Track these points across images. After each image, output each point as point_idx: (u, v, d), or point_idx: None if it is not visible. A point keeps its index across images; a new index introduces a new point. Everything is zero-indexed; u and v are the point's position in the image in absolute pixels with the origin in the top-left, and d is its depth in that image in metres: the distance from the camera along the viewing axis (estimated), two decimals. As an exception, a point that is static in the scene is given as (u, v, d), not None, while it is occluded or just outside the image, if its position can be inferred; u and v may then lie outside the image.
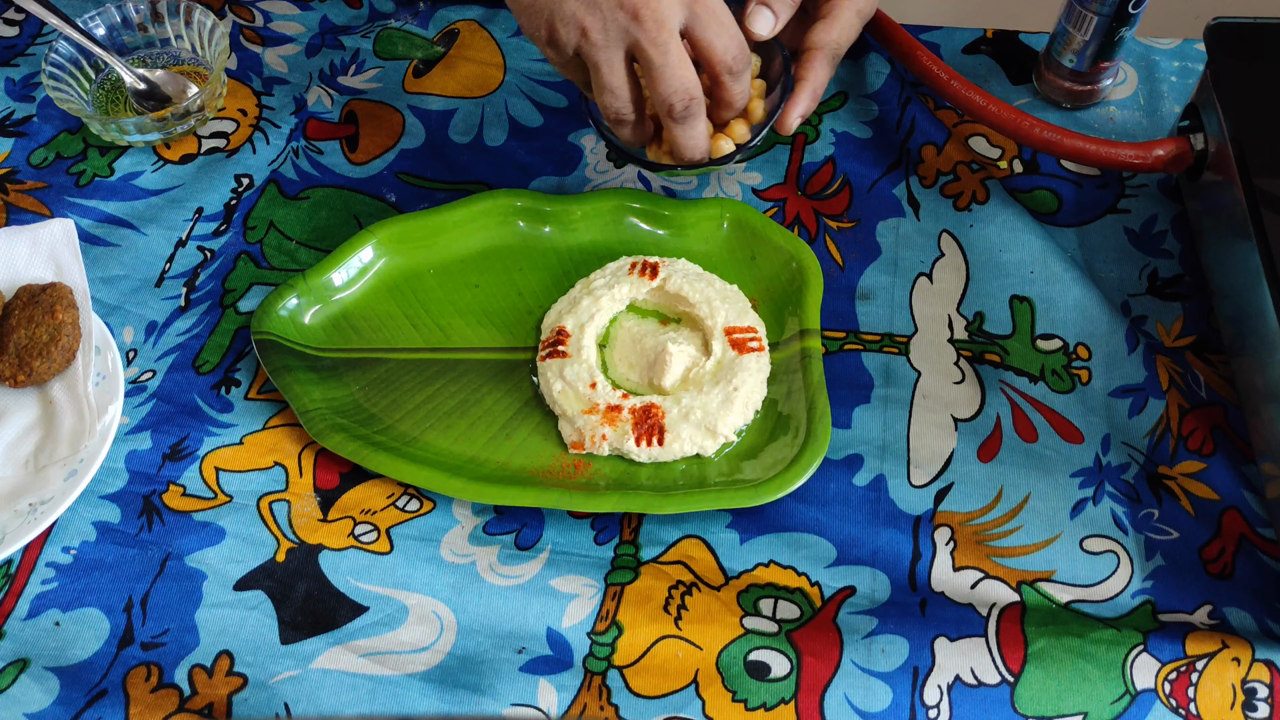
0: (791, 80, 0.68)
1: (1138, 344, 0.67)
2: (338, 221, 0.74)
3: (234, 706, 0.56)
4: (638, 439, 0.63)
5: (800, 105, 0.67)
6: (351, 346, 0.68)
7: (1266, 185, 0.62)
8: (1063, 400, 0.66)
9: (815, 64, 0.68)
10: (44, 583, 0.60)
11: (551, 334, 0.67)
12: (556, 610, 0.59)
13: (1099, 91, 0.78)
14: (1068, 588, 0.60)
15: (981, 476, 0.63)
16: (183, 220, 0.74)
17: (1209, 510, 0.62)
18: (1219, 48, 0.68)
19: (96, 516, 0.62)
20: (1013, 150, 0.77)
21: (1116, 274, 0.71)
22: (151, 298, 0.71)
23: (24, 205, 0.75)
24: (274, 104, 0.80)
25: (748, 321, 0.67)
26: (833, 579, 0.60)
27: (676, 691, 0.56)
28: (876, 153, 0.77)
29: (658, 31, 0.57)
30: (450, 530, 0.62)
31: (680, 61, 0.59)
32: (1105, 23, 0.73)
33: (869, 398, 0.66)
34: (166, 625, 0.59)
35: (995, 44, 0.83)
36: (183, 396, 0.67)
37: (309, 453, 0.65)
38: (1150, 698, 0.56)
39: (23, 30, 0.85)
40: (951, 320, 0.69)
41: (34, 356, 0.64)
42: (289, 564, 0.61)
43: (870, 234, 0.73)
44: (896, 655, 0.57)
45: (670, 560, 0.61)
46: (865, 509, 0.62)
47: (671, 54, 0.58)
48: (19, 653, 0.58)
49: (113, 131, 0.76)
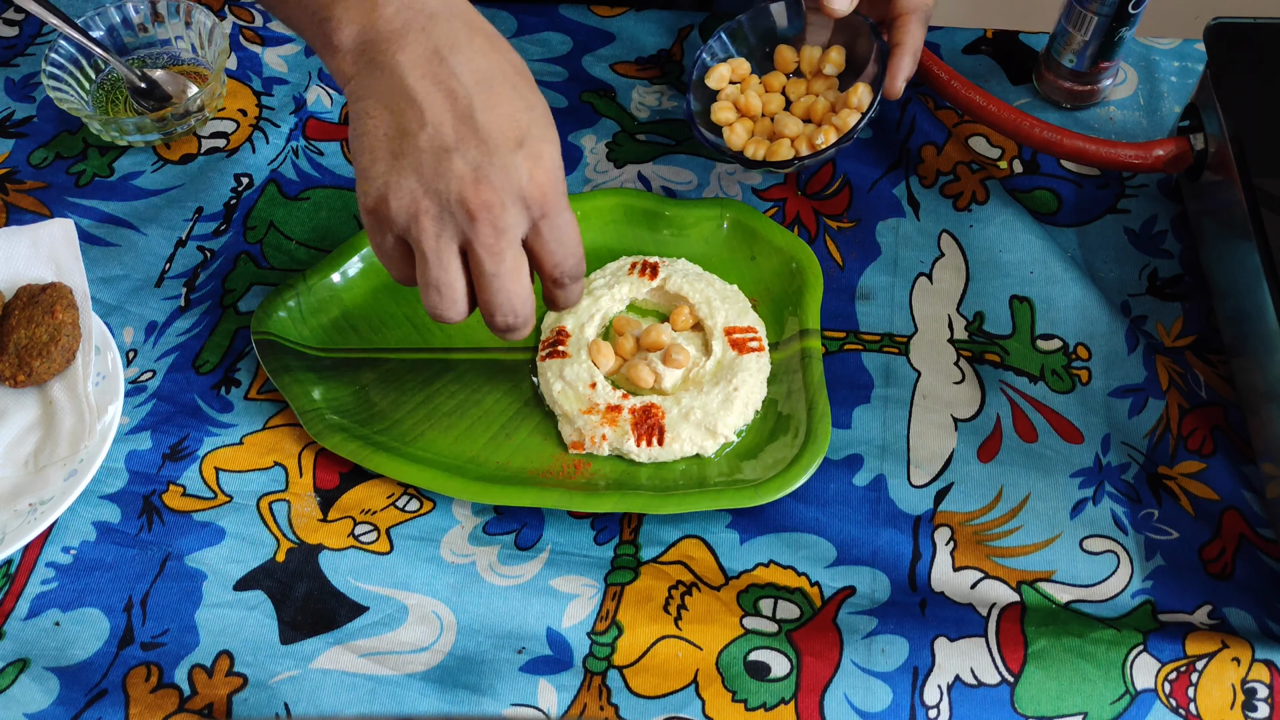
0: (885, 46, 0.68)
1: (1138, 344, 0.67)
2: (338, 221, 0.74)
3: (234, 706, 0.56)
4: (638, 439, 0.63)
5: (903, 69, 0.67)
6: (351, 346, 0.68)
7: (1266, 185, 0.62)
8: (1063, 400, 0.66)
9: (910, 27, 0.68)
10: (44, 583, 0.60)
11: (551, 334, 0.67)
12: (556, 610, 0.59)
13: (1099, 91, 0.78)
14: (1068, 588, 0.60)
15: (981, 476, 0.63)
16: (183, 220, 0.74)
17: (1209, 510, 0.62)
18: (1219, 48, 0.68)
19: (96, 516, 0.62)
20: (1013, 150, 0.77)
21: (1116, 274, 0.71)
22: (151, 298, 0.71)
23: (24, 205, 0.75)
24: (274, 104, 0.80)
25: (748, 321, 0.67)
26: (833, 579, 0.60)
27: (676, 691, 0.56)
28: (876, 153, 0.77)
29: (495, 238, 0.52)
30: (450, 530, 0.62)
31: (513, 271, 0.53)
32: (1105, 23, 0.73)
33: (869, 398, 0.66)
34: (166, 625, 0.59)
35: (995, 44, 0.83)
36: (183, 396, 0.67)
37: (309, 453, 0.65)
38: (1150, 698, 0.56)
39: (23, 30, 0.85)
40: (951, 320, 0.69)
41: (34, 356, 0.64)
42: (289, 564, 0.61)
43: (870, 234, 0.73)
44: (896, 655, 0.57)
45: (670, 560, 0.61)
46: (865, 509, 0.62)
47: (505, 263, 0.52)
48: (19, 653, 0.58)
49: (113, 131, 0.76)
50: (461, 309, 0.55)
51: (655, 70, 0.82)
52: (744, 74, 0.73)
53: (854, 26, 0.70)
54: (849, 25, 0.71)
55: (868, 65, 0.70)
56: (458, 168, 0.51)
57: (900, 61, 0.67)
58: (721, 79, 0.73)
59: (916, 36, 0.68)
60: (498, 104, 0.52)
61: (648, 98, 0.80)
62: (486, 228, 0.51)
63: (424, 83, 0.52)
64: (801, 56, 0.73)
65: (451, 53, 0.52)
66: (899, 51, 0.67)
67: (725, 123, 0.71)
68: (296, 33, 0.57)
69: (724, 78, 0.73)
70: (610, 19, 0.85)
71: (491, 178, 0.51)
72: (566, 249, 0.55)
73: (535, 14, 0.85)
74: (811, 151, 0.68)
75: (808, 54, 0.72)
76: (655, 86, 0.81)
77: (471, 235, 0.52)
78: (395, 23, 0.53)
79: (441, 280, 0.53)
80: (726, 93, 0.72)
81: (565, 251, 0.55)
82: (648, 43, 0.84)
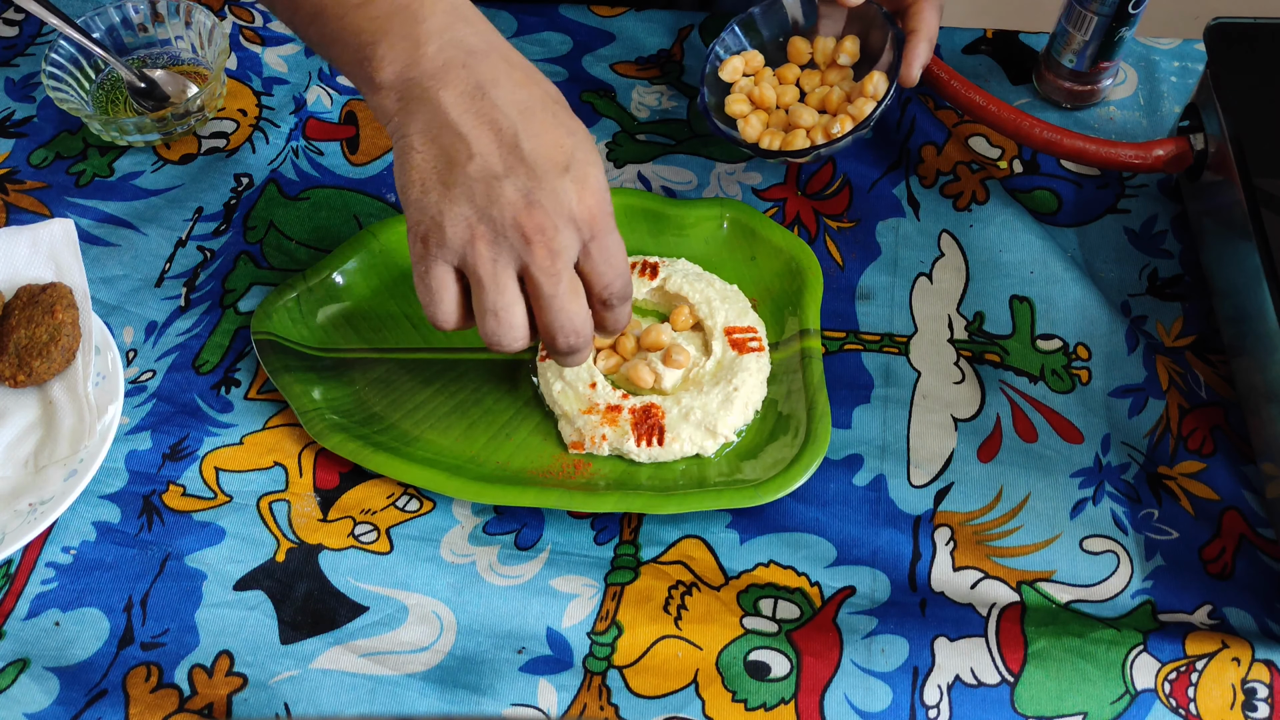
0: (900, 33, 0.68)
1: (1138, 344, 0.67)
2: (338, 221, 0.74)
3: (234, 706, 0.56)
4: (638, 439, 0.63)
5: (920, 56, 0.67)
6: (351, 346, 0.68)
7: (1266, 185, 0.62)
8: (1063, 400, 0.66)
9: (925, 13, 0.68)
10: (44, 583, 0.60)
11: (551, 334, 0.67)
12: (556, 610, 0.59)
13: (1099, 91, 0.78)
14: (1068, 588, 0.60)
15: (981, 476, 0.63)
16: (183, 220, 0.74)
17: (1209, 510, 0.62)
18: (1219, 48, 0.68)
19: (96, 516, 0.62)
20: (1013, 150, 0.77)
21: (1116, 274, 0.71)
22: (151, 298, 0.71)
23: (24, 205, 0.75)
24: (274, 104, 0.80)
25: (748, 321, 0.67)
26: (833, 579, 0.60)
27: (676, 691, 0.56)
28: (876, 153, 0.77)
29: (551, 261, 0.52)
30: (450, 530, 0.62)
31: (571, 295, 0.54)
32: (1105, 23, 0.73)
33: (869, 398, 0.66)
34: (166, 625, 0.59)
35: (995, 44, 0.83)
36: (183, 396, 0.67)
37: (309, 453, 0.65)
38: (1150, 698, 0.56)
39: (23, 30, 0.85)
40: (951, 320, 0.69)
41: (34, 356, 0.64)
42: (289, 564, 0.61)
43: (870, 234, 0.73)
44: (896, 655, 0.57)
45: (670, 560, 0.61)
46: (865, 509, 0.62)
47: (563, 284, 0.53)
48: (19, 653, 0.58)
49: (113, 131, 0.76)
50: (519, 334, 0.55)
51: (655, 70, 0.82)
52: (758, 66, 0.73)
53: (868, 16, 0.70)
54: (863, 15, 0.70)
55: (883, 54, 0.70)
56: (509, 193, 0.52)
57: (916, 49, 0.67)
58: (735, 71, 0.73)
59: (931, 23, 0.68)
60: (541, 132, 0.53)
61: (648, 98, 0.80)
62: (542, 250, 0.52)
63: (468, 116, 0.53)
64: (815, 48, 0.73)
65: (493, 87, 0.53)
66: (914, 39, 0.67)
67: (740, 115, 0.71)
68: (338, 69, 0.58)
69: (737, 70, 0.73)
70: (610, 19, 0.85)
71: (543, 202, 0.52)
72: (615, 270, 0.55)
73: (535, 14, 0.85)
74: (828, 140, 0.68)
75: (822, 45, 0.72)
76: (655, 86, 0.81)
77: (528, 259, 0.52)
78: (437, 61, 0.54)
79: (499, 304, 0.53)
80: (740, 85, 0.72)
81: (614, 273, 0.55)
82: (648, 43, 0.84)
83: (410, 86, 0.54)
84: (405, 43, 0.54)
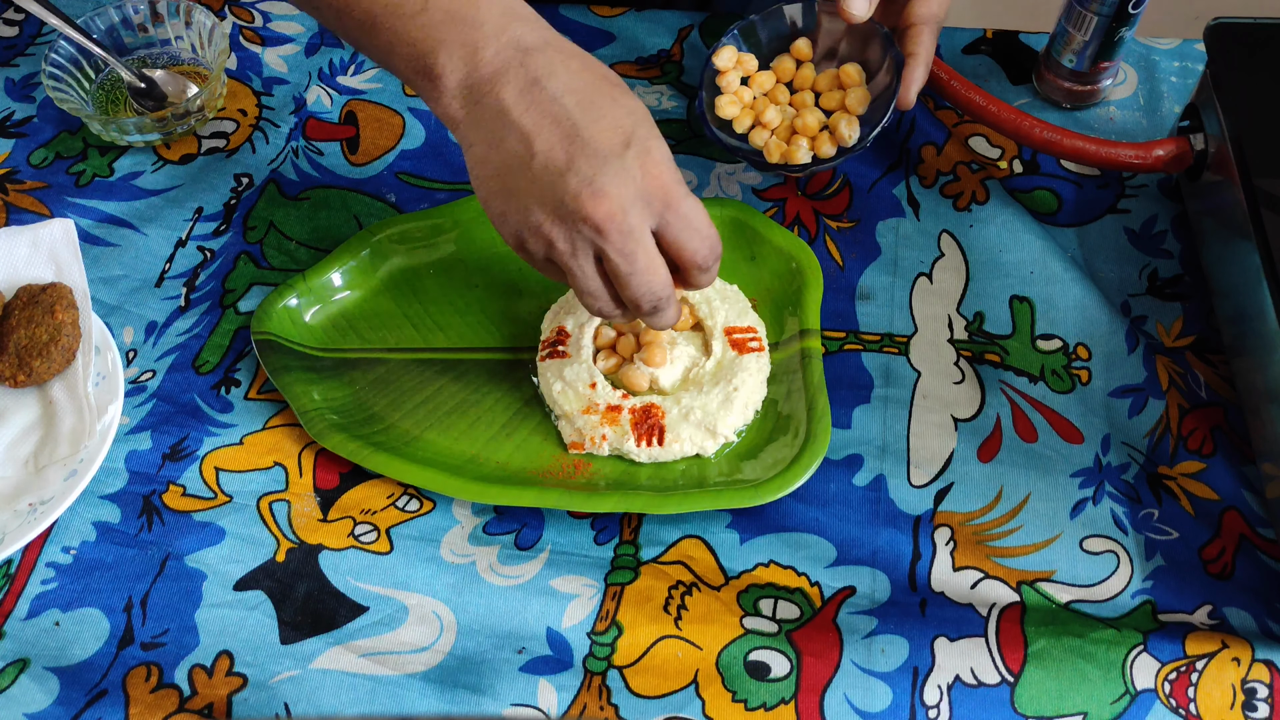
0: (900, 55, 0.68)
1: (1138, 344, 0.67)
2: (338, 221, 0.74)
3: (234, 706, 0.56)
4: (638, 439, 0.63)
5: (917, 80, 0.67)
6: (351, 346, 0.68)
7: (1266, 185, 0.62)
8: (1063, 400, 0.66)
9: (923, 38, 0.68)
10: (44, 583, 0.60)
11: (551, 334, 0.67)
12: (556, 610, 0.59)
13: (1099, 91, 0.78)
14: (1068, 588, 0.60)
15: (981, 476, 0.63)
16: (183, 220, 0.74)
17: (1209, 510, 0.62)
18: (1219, 48, 0.68)
19: (96, 516, 0.62)
20: (1013, 150, 0.77)
21: (1116, 274, 0.71)
22: (151, 298, 0.71)
23: (24, 205, 0.75)
24: (274, 104, 0.80)
25: (748, 321, 0.67)
26: (833, 579, 0.60)
27: (676, 691, 0.56)
28: (876, 153, 0.77)
29: (623, 242, 0.54)
30: (450, 530, 0.62)
31: (648, 268, 0.55)
32: (1105, 23, 0.73)
33: (869, 398, 0.66)
34: (166, 625, 0.59)
35: (995, 44, 0.83)
36: (183, 396, 0.67)
37: (309, 453, 0.65)
38: (1150, 698, 0.56)
39: (23, 30, 0.85)
40: (951, 320, 0.69)
41: (34, 356, 0.64)
42: (289, 564, 0.61)
43: (870, 234, 0.73)
44: (896, 655, 0.57)
45: (670, 560, 0.61)
46: (865, 509, 0.62)
47: (639, 262, 0.55)
48: (19, 653, 0.58)
49: (113, 131, 0.76)
50: (615, 308, 0.58)
51: (655, 70, 0.82)
52: (753, 71, 0.73)
53: (867, 33, 0.70)
54: (862, 31, 0.70)
55: (879, 74, 0.70)
56: (573, 186, 0.53)
57: (914, 73, 0.67)
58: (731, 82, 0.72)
59: (929, 47, 0.68)
60: (600, 115, 0.54)
61: (648, 98, 0.80)
62: (614, 235, 0.53)
63: (528, 114, 0.54)
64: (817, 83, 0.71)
65: (549, 79, 0.54)
66: (913, 62, 0.67)
67: (733, 118, 0.71)
68: (399, 78, 0.58)
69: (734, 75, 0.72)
70: (610, 19, 0.85)
71: (607, 188, 0.53)
72: (699, 234, 0.56)
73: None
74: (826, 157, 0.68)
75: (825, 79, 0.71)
76: (655, 86, 0.81)
77: (603, 245, 0.54)
78: (495, 63, 0.55)
79: (589, 288, 0.56)
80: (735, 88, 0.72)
81: (699, 238, 0.56)
82: (648, 43, 0.84)
83: (472, 92, 0.55)
84: (463, 50, 0.55)
